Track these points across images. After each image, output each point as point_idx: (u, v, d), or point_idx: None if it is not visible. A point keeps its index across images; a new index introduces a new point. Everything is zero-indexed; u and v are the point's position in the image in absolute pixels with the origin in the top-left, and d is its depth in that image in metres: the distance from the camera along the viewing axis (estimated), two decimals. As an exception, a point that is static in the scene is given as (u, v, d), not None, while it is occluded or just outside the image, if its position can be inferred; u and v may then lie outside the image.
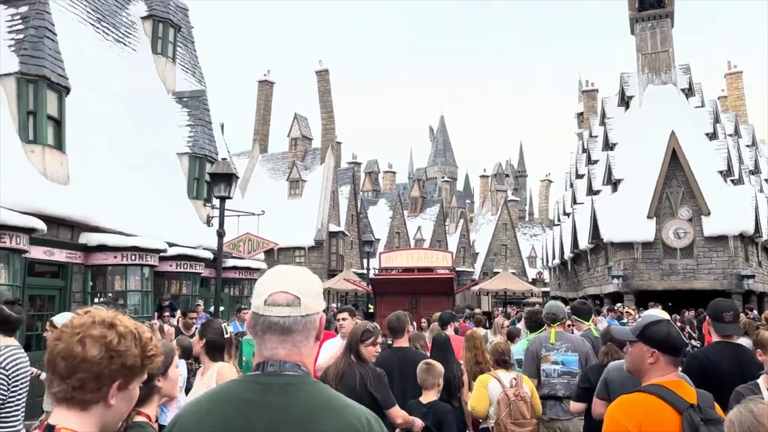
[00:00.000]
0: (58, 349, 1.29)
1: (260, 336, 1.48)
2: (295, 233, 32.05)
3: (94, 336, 1.29)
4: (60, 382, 1.28)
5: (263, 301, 1.47)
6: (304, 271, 1.56)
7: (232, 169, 8.65)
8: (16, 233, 7.77)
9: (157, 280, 12.44)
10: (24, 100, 9.43)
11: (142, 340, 1.37)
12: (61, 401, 1.29)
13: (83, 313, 1.35)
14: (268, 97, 39.72)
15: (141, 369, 1.37)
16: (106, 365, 1.29)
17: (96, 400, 1.30)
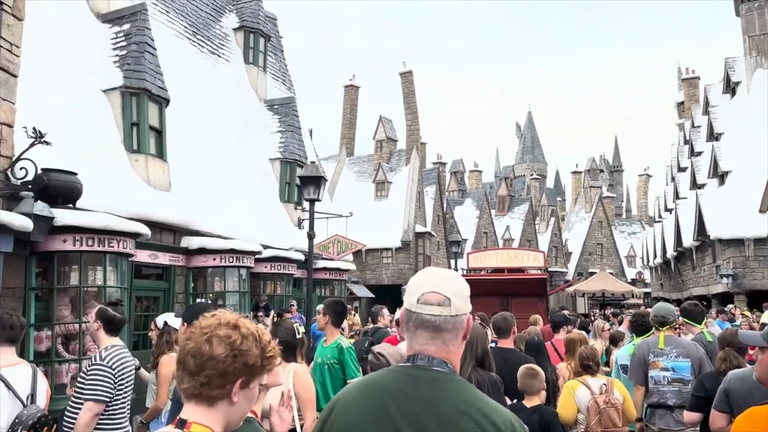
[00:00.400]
0: (188, 348, 1.41)
1: (412, 331, 1.57)
2: (382, 234, 32.30)
3: (220, 336, 1.40)
4: (189, 378, 1.39)
5: (416, 299, 1.55)
6: (454, 274, 1.66)
7: (320, 172, 8.77)
8: (123, 238, 8.25)
9: (253, 281, 12.87)
10: (128, 112, 10.04)
11: (261, 341, 1.47)
12: (190, 397, 1.41)
13: (210, 316, 1.47)
14: (354, 101, 40.30)
15: (260, 369, 1.46)
16: (230, 363, 1.39)
17: (221, 396, 1.40)
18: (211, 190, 11.77)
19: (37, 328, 7.70)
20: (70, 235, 7.65)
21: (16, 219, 6.69)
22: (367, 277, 33.40)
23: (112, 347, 3.73)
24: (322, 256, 14.85)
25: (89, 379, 3.55)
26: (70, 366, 7.67)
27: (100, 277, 8.09)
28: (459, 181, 50.71)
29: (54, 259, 7.71)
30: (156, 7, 13.10)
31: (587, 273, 45.76)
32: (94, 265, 8.11)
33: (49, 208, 7.35)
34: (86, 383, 3.55)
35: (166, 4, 13.68)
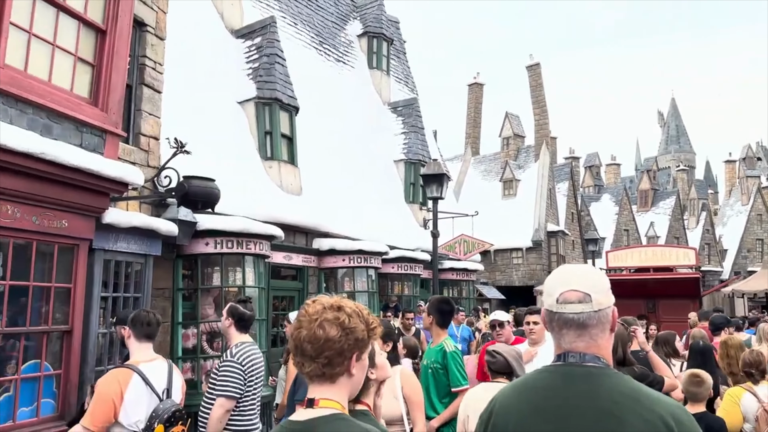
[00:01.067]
0: (302, 336, 1.53)
1: (557, 331, 1.58)
2: (511, 234, 31.48)
3: (330, 319, 1.53)
4: (310, 362, 1.52)
5: (555, 299, 1.57)
6: (590, 269, 1.65)
7: (442, 169, 8.61)
8: (259, 240, 8.66)
9: (382, 282, 13.01)
10: (261, 121, 10.57)
11: (363, 316, 1.61)
12: (314, 378, 1.54)
13: (311, 302, 1.60)
14: (479, 99, 39.72)
15: (368, 340, 1.59)
16: (344, 341, 1.52)
17: (341, 372, 1.53)
18: (339, 193, 12.06)
19: (184, 326, 8.29)
20: (212, 238, 8.17)
21: (163, 224, 7.25)
22: (497, 278, 32.66)
23: (241, 344, 3.81)
24: (449, 256, 14.67)
25: (220, 375, 3.66)
26: (214, 362, 8.16)
27: (240, 278, 8.55)
28: (594, 175, 48.01)
29: (198, 261, 8.26)
30: (284, 20, 13.72)
31: (745, 272, 41.16)
32: (234, 267, 8.59)
33: (192, 214, 7.89)
34: (217, 380, 3.67)
35: (294, 17, 14.29)
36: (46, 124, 5.61)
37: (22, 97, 5.25)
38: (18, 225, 5.28)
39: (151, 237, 7.22)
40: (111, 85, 6.40)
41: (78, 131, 6.00)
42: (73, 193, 5.81)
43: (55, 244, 5.82)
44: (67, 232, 5.87)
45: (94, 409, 3.08)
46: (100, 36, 6.33)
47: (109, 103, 6.37)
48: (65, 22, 5.86)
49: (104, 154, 6.31)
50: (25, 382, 5.55)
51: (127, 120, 7.72)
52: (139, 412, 3.15)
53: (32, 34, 5.46)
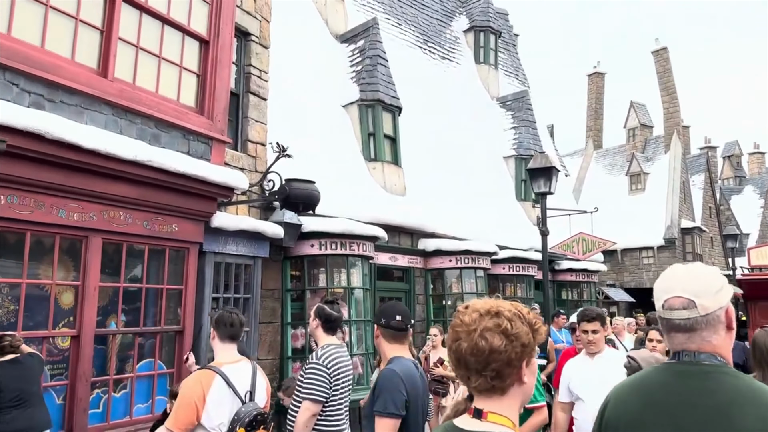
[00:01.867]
0: (462, 348, 1.42)
1: (667, 333, 1.60)
2: (640, 232, 29.38)
3: (490, 328, 1.40)
4: (477, 376, 1.41)
5: (661, 305, 1.59)
6: (696, 270, 1.61)
7: (550, 162, 8.06)
8: (362, 241, 8.64)
9: (492, 283, 12.56)
10: (364, 123, 10.59)
11: (525, 317, 1.46)
12: (482, 392, 1.43)
13: (464, 309, 1.48)
14: (600, 90, 37.53)
15: (534, 344, 1.47)
16: (511, 350, 1.39)
17: (512, 383, 1.42)
18: (445, 192, 11.80)
19: (293, 326, 8.45)
20: (316, 240, 8.27)
21: (269, 227, 7.43)
22: (625, 279, 30.58)
23: (328, 346, 3.70)
24: (566, 256, 13.85)
25: (306, 378, 3.57)
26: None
27: (344, 279, 8.57)
28: (735, 166, 43.62)
29: (304, 263, 8.39)
30: (389, 21, 13.72)
31: None
32: (339, 268, 8.64)
33: (297, 216, 8.03)
34: (303, 383, 3.57)
35: (398, 18, 14.25)
36: (154, 133, 5.91)
37: (131, 108, 5.57)
38: (130, 230, 5.60)
39: (258, 239, 7.43)
40: (216, 93, 6.65)
41: (185, 139, 6.28)
42: (181, 199, 6.09)
43: (165, 247, 6.13)
44: (177, 236, 6.15)
45: (177, 411, 3.09)
46: (204, 46, 6.59)
47: (214, 111, 6.62)
48: (170, 35, 6.16)
49: (211, 160, 6.56)
50: (141, 380, 5.88)
51: (235, 127, 8.02)
52: (221, 415, 3.12)
53: (139, 47, 5.78)
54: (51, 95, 4.88)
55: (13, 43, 4.59)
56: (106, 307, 5.68)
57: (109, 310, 5.70)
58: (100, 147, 4.98)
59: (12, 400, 4.18)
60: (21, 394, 4.21)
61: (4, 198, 4.51)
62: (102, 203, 5.32)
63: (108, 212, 5.41)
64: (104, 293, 5.62)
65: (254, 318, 7.47)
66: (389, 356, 2.90)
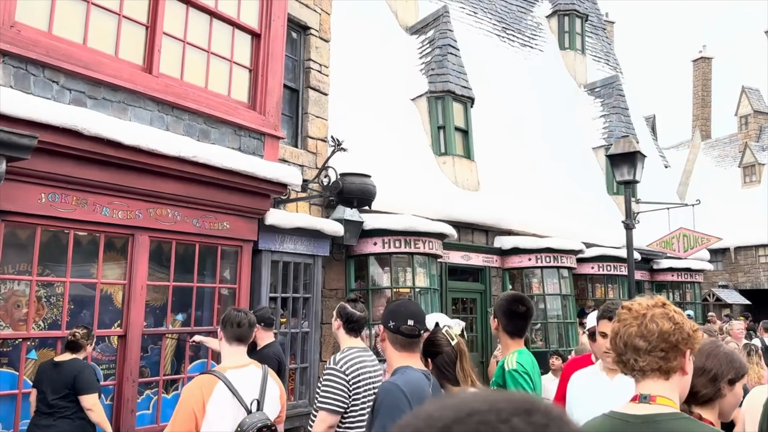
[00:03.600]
0: (632, 332, 1.52)
1: None
2: (756, 228, 26.82)
3: (659, 314, 1.51)
4: (645, 355, 1.49)
5: None
6: None
7: (635, 147, 7.20)
8: (428, 239, 8.20)
9: (580, 284, 11.68)
10: (434, 115, 10.13)
11: (683, 316, 1.56)
12: (647, 373, 1.50)
13: (627, 305, 1.59)
14: (707, 76, 34.64)
15: (694, 339, 1.53)
16: (678, 335, 1.49)
17: (675, 369, 1.49)
18: (523, 187, 11.07)
19: (358, 327, 8.14)
20: (379, 237, 7.93)
21: (328, 224, 7.17)
22: (740, 280, 27.95)
23: (348, 349, 3.32)
24: (666, 254, 12.63)
25: (323, 386, 3.21)
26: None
27: (410, 278, 8.17)
28: None
29: (367, 262, 8.08)
30: (463, 11, 13.15)
31: None
32: (404, 267, 8.25)
33: (358, 213, 7.73)
34: (320, 390, 3.21)
35: (473, 6, 13.64)
36: (203, 130, 5.81)
37: (178, 104, 5.48)
38: (179, 228, 5.52)
39: (317, 237, 7.20)
40: (268, 88, 6.48)
41: (236, 135, 6.14)
42: (232, 196, 5.95)
43: (217, 245, 6.01)
44: (229, 234, 6.03)
45: (175, 417, 2.83)
46: (255, 40, 6.44)
47: (266, 106, 6.45)
48: (219, 29, 6.04)
49: (264, 156, 6.39)
50: (191, 379, 5.81)
51: (295, 123, 7.85)
52: (223, 425, 2.83)
53: (186, 42, 5.69)
54: (93, 92, 4.86)
55: (53, 40, 4.60)
56: (161, 307, 5.65)
57: (163, 309, 5.66)
58: (142, 143, 4.90)
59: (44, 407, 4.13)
60: (44, 401, 4.16)
61: (46, 196, 4.52)
62: (148, 201, 5.26)
63: (155, 210, 5.35)
64: (157, 292, 5.58)
65: (315, 318, 7.24)
66: (395, 366, 2.46)
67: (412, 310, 2.52)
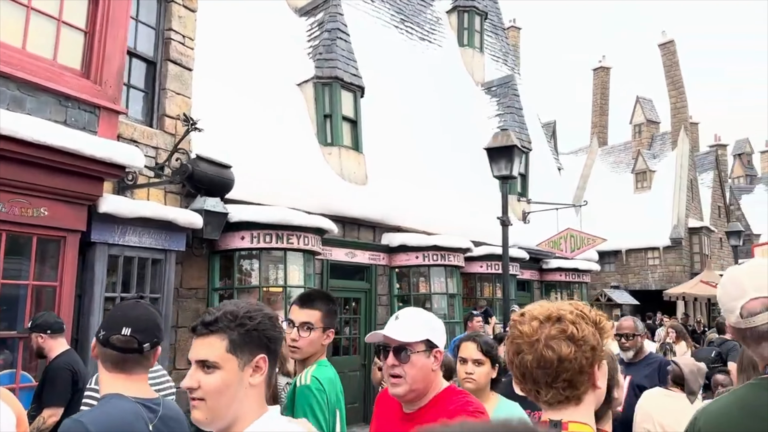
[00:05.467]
0: (527, 361, 1.30)
1: (755, 346, 1.48)
2: (645, 232, 28.24)
3: (555, 335, 1.29)
4: (547, 389, 1.31)
5: (738, 315, 1.47)
6: (757, 265, 1.54)
7: (512, 140, 6.93)
8: (305, 234, 7.57)
9: (469, 283, 11.44)
10: (320, 103, 9.51)
11: (588, 316, 1.34)
12: (556, 405, 1.32)
13: (520, 317, 1.35)
14: (605, 85, 36.25)
15: (602, 344, 1.35)
16: (581, 357, 1.29)
17: (586, 390, 1.32)
18: (415, 183, 10.67)
19: (222, 330, 7.36)
20: (248, 231, 7.20)
21: (183, 215, 6.36)
22: (630, 281, 29.34)
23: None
24: (555, 254, 12.69)
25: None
26: None
27: (282, 276, 7.49)
28: (746, 164, 42.13)
29: (234, 258, 7.32)
30: (361, -2, 12.62)
31: None
32: (276, 264, 7.56)
33: (222, 204, 6.96)
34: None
35: (372, -6, 13.14)
36: (15, 96, 4.86)
37: (-25, 64, 4.54)
38: (-27, 212, 4.57)
39: (169, 230, 6.37)
40: (106, 54, 5.59)
41: (61, 106, 5.23)
42: (53, 177, 5.03)
43: (32, 235, 5.08)
44: (47, 222, 5.09)
45: None
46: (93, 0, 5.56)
47: (103, 75, 5.56)
48: (41, -19, 5.12)
49: (98, 132, 5.51)
50: None
51: (151, 100, 6.97)
52: None
53: (-9, -9, 4.75)
54: None
55: None
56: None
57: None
58: None
59: None
60: None
61: None
62: (-72, 178, 4.29)
63: (-61, 190, 4.37)
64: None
65: (165, 321, 6.40)
66: (104, 392, 1.78)
67: (132, 315, 1.84)
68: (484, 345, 2.72)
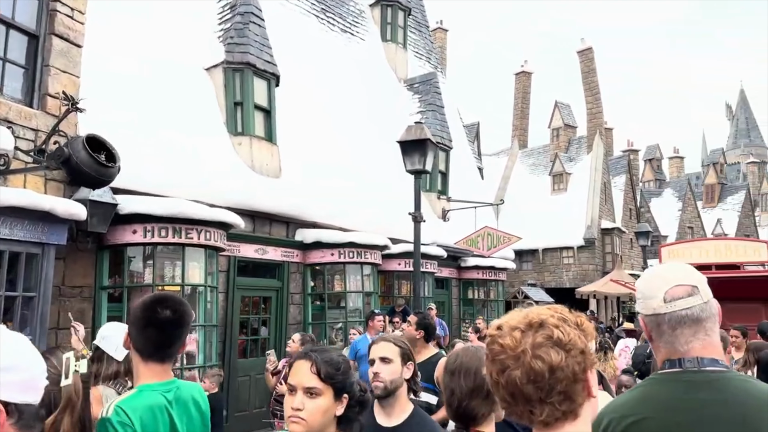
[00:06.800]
0: (516, 378, 1.15)
1: (670, 333, 1.48)
2: (561, 232, 29.19)
3: (541, 343, 1.16)
4: (541, 405, 1.15)
5: (662, 299, 1.48)
6: (683, 265, 1.57)
7: (426, 134, 6.73)
8: (206, 228, 7.05)
9: (387, 281, 11.22)
10: (230, 90, 8.98)
11: (568, 318, 1.22)
12: (553, 423, 1.16)
13: (497, 329, 1.20)
14: (526, 89, 37.24)
15: (589, 348, 1.23)
16: (572, 361, 1.17)
17: (582, 402, 1.19)
18: (333, 177, 10.32)
19: (111, 332, 6.73)
20: (140, 225, 6.61)
21: (61, 205, 5.71)
22: (546, 279, 30.26)
23: None
24: (473, 252, 12.70)
25: None
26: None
27: (179, 274, 6.94)
28: (655, 169, 44.57)
29: (124, 254, 6.71)
30: (279, -16, 12.11)
31: (831, 274, 36.96)
32: (173, 260, 7.00)
33: (110, 194, 6.35)
34: None
35: (292, -18, 12.65)
36: None
37: None
38: None
39: (47, 221, 5.70)
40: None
41: None
42: None
43: None
44: None
45: None
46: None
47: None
48: None
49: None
50: None
51: (32, 77, 6.24)
52: None
53: None
54: None
55: None
56: None
57: None
58: None
59: None
60: None
61: None
62: None
63: None
64: None
65: (41, 323, 5.73)
66: None
67: None
68: (325, 366, 1.72)
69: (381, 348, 2.44)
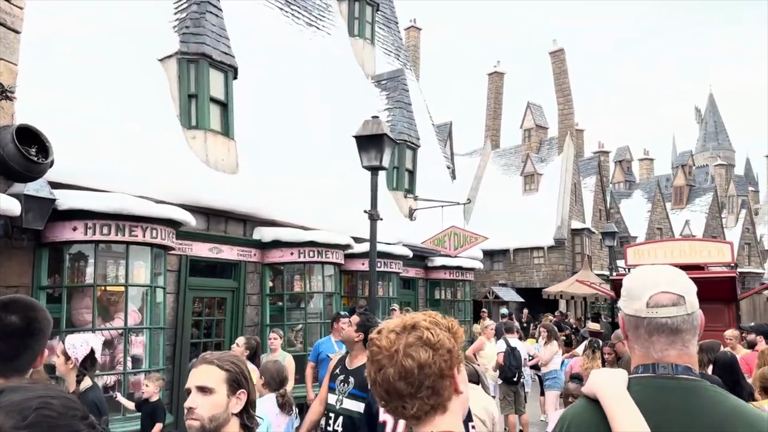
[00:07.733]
0: (389, 375, 1.26)
1: (646, 338, 1.47)
2: (532, 232, 29.30)
3: (412, 343, 1.28)
4: (412, 400, 1.26)
5: (645, 303, 1.46)
6: (675, 270, 1.55)
7: (383, 129, 6.49)
8: (152, 225, 6.69)
9: (351, 281, 10.95)
10: (185, 81, 8.62)
11: (440, 322, 1.34)
12: (423, 417, 1.28)
13: (377, 334, 1.33)
14: (499, 90, 37.31)
15: (458, 348, 1.35)
16: (440, 360, 1.28)
17: (450, 396, 1.30)
18: (294, 174, 10.02)
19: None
20: (81, 221, 6.24)
21: (-10, 199, 5.33)
22: (517, 279, 30.33)
23: None
24: (439, 252, 12.51)
25: None
26: None
27: (123, 274, 6.57)
28: (626, 171, 45.11)
29: (64, 252, 6.32)
30: (241, -26, 11.75)
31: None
32: (117, 259, 6.64)
33: (48, 188, 5.97)
34: None
35: (255, -27, 12.30)
36: None
37: None
38: None
39: (-26, 217, 5.33)
40: None
41: None
42: None
43: None
44: None
45: None
46: None
47: None
48: None
49: None
50: None
51: (-39, 63, 5.83)
52: None
53: None
54: None
55: None
56: None
57: None
58: None
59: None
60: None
61: None
62: None
63: None
64: None
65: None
66: None
67: None
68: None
69: (199, 373, 1.85)
